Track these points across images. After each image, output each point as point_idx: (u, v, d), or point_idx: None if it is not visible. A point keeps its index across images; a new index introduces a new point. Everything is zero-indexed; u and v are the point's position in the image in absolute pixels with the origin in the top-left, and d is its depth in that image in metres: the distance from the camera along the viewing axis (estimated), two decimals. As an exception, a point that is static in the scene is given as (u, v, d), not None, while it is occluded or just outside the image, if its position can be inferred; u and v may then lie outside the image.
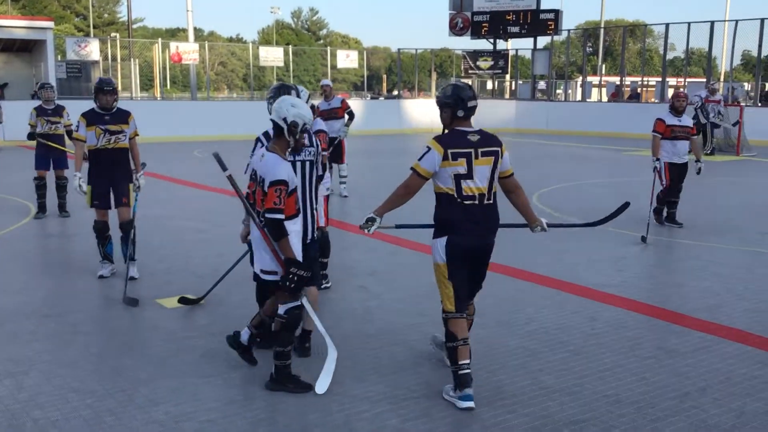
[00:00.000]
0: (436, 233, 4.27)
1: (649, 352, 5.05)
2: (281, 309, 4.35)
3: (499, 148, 4.27)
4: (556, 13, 28.67)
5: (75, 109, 6.68)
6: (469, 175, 4.14)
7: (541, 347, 5.11)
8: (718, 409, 4.14)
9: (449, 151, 4.12)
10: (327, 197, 6.41)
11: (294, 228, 4.37)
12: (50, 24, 24.38)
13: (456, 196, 4.15)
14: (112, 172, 6.76)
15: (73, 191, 7.35)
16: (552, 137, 25.72)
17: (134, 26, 54.39)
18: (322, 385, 4.33)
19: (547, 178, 14.30)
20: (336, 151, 11.68)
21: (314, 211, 4.92)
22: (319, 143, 5.03)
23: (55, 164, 10.03)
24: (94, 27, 61.12)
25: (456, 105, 4.20)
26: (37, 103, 10.43)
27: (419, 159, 4.19)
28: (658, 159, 9.11)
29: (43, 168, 10.03)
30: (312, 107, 6.68)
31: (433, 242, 4.28)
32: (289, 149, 4.36)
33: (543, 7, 28.93)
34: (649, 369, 4.73)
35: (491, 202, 4.25)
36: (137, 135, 7.00)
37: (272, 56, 28.97)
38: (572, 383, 4.48)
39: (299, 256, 4.31)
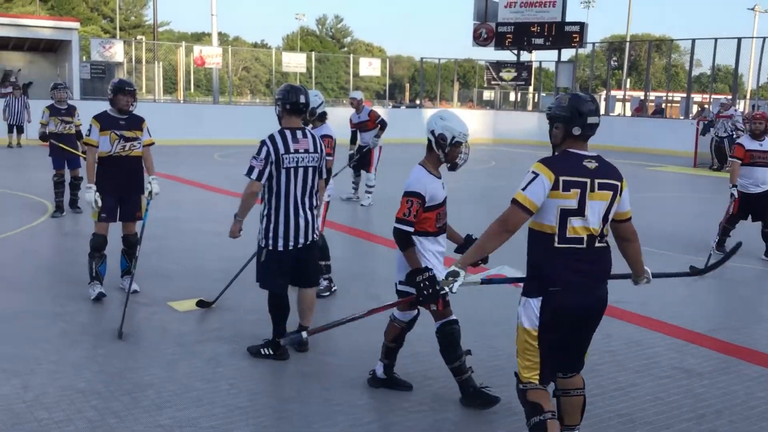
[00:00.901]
0: (527, 288, 3.39)
1: (665, 371, 4.93)
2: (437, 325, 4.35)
3: (619, 183, 3.38)
4: (581, 25, 28.52)
5: (97, 109, 6.31)
6: (579, 212, 3.27)
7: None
8: (735, 434, 4.02)
9: (561, 178, 3.26)
10: (327, 203, 6.40)
11: (434, 248, 4.26)
12: (76, 25, 24.65)
13: (556, 237, 3.28)
14: (125, 183, 6.14)
15: (86, 203, 6.36)
16: (573, 150, 25.52)
17: (160, 29, 54.88)
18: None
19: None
20: (364, 159, 11.68)
21: (313, 215, 4.92)
22: (323, 148, 5.00)
23: (69, 164, 10.17)
24: (121, 29, 61.73)
25: (572, 120, 3.34)
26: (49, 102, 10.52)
27: (523, 188, 3.29)
28: (735, 186, 8.36)
29: (60, 167, 10.17)
30: (324, 114, 6.63)
31: (521, 300, 3.40)
32: (442, 163, 4.24)
33: (568, 19, 28.79)
34: (664, 389, 4.62)
35: (603, 245, 3.38)
36: (153, 143, 6.42)
37: (295, 62, 29.06)
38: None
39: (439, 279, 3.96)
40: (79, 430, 3.81)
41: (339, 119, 24.43)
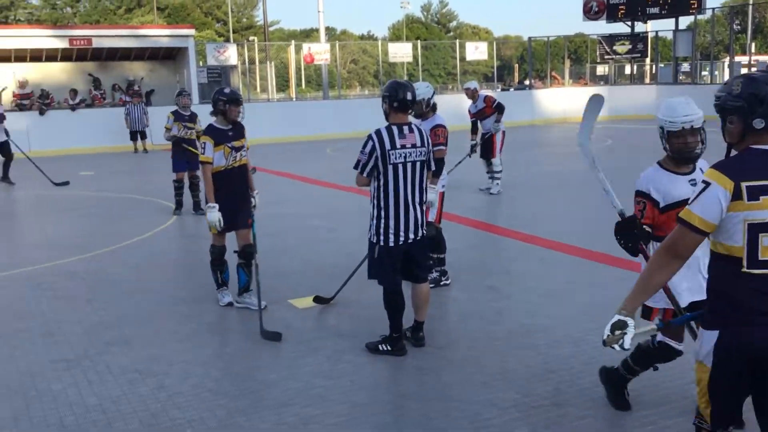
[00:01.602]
0: (706, 319, 2.79)
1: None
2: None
3: None
4: (699, -10, 27.05)
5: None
6: None
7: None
8: None
9: (743, 184, 2.59)
10: (442, 194, 6.36)
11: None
12: (191, 31, 25.69)
13: (744, 260, 2.61)
14: (238, 192, 6.05)
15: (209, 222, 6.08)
16: (696, 123, 24.29)
17: (270, 29, 56.38)
18: None
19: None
20: (486, 146, 11.60)
21: (422, 210, 4.93)
22: (430, 142, 4.98)
23: (189, 166, 10.67)
24: (234, 31, 63.82)
25: (751, 111, 2.64)
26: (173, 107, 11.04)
27: (691, 202, 2.67)
28: None
29: (180, 170, 10.72)
30: (429, 101, 6.50)
31: (700, 331, 2.87)
32: (673, 158, 3.75)
33: (684, -15, 27.38)
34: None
35: None
36: (248, 147, 6.26)
37: (402, 52, 29.13)
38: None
39: (681, 296, 3.67)
40: (209, 429, 3.99)
41: (448, 106, 24.31)
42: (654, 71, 32.18)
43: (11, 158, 14.76)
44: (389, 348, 4.97)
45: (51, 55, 24.25)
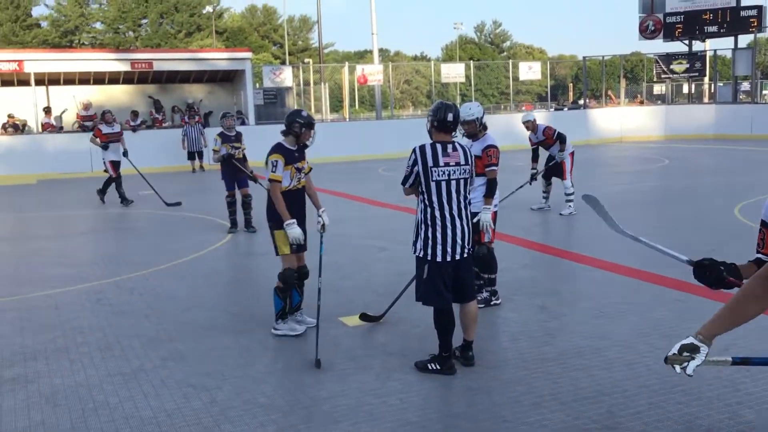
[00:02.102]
0: None
1: None
2: None
3: None
4: (760, 9, 26.54)
5: (272, 134, 6.49)
6: None
7: (741, 377, 4.67)
8: None
9: None
10: (495, 213, 6.36)
11: None
12: (248, 55, 26.23)
13: None
14: (300, 214, 5.94)
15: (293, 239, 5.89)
16: (758, 143, 23.69)
17: (325, 51, 57.20)
18: None
19: (751, 187, 13.17)
20: (555, 169, 11.55)
21: (467, 228, 4.94)
22: (473, 160, 5.01)
23: (239, 184, 10.97)
24: (289, 54, 64.94)
25: None
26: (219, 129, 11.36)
27: None
28: None
29: (232, 189, 11.01)
30: (480, 121, 6.50)
31: None
32: None
33: (743, 3, 26.85)
34: None
35: None
36: (311, 169, 6.17)
37: (454, 72, 29.20)
38: (777, 420, 4.04)
39: None
40: (261, 443, 4.04)
41: (501, 126, 24.29)
42: (713, 90, 31.53)
43: (118, 178, 14.56)
44: (438, 367, 4.96)
45: (113, 78, 25.05)
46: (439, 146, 4.87)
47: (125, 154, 14.44)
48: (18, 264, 9.33)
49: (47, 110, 23.05)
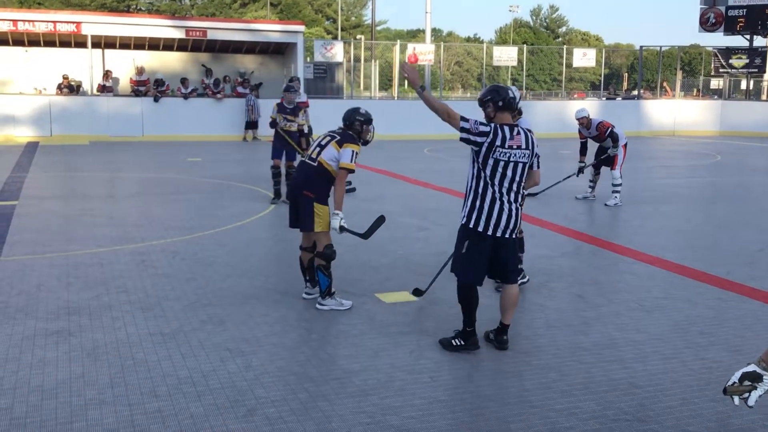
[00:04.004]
0: None
1: None
2: None
3: None
4: (828, 4, 25.59)
5: (322, 107, 6.52)
6: None
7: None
8: None
9: None
10: (524, 196, 6.32)
11: None
12: (301, 28, 26.29)
13: None
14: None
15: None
16: (815, 143, 23.01)
17: (378, 28, 56.98)
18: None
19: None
20: (608, 158, 11.42)
21: (516, 211, 4.95)
22: (535, 145, 4.99)
23: (288, 156, 11.12)
24: (342, 29, 64.90)
25: None
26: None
27: None
28: None
29: (277, 157, 11.14)
30: (512, 100, 6.33)
31: None
32: None
33: (811, -2, 25.98)
34: None
35: None
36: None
37: (506, 56, 28.87)
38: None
39: None
40: (292, 410, 4.11)
41: (551, 113, 23.97)
42: (772, 87, 30.65)
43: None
44: (462, 342, 5.03)
45: (168, 45, 25.38)
46: (507, 128, 4.87)
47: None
48: (68, 222, 9.59)
49: (107, 74, 23.45)
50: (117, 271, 7.05)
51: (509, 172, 4.87)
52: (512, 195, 4.93)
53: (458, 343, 5.03)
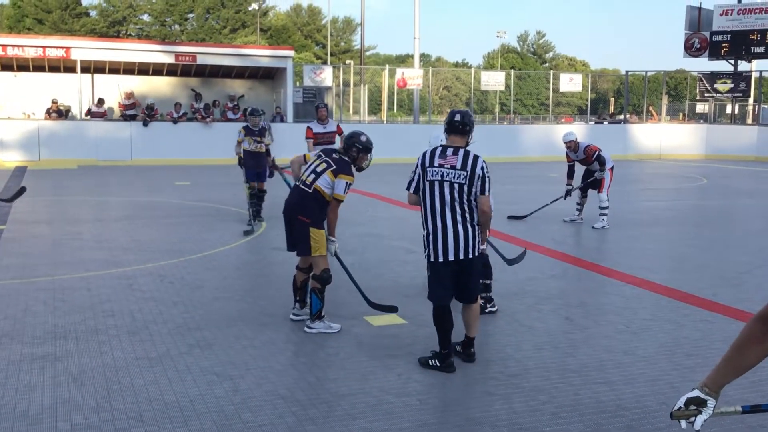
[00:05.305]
0: None
1: None
2: None
3: None
4: (810, 30, 26.00)
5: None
6: None
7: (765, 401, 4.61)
8: None
9: None
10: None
11: None
12: (290, 53, 26.42)
13: None
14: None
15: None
16: (800, 167, 23.24)
17: (367, 53, 57.42)
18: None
19: (790, 212, 12.92)
20: (595, 181, 11.51)
21: (464, 231, 4.98)
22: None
23: (258, 177, 11.40)
24: (332, 54, 65.31)
25: None
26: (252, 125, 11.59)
27: None
28: None
29: (252, 179, 11.38)
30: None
31: None
32: None
33: (794, 24, 26.38)
34: None
35: None
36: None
37: (494, 80, 29.10)
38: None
39: None
40: (279, 434, 4.09)
41: (539, 136, 24.14)
42: (756, 112, 31.00)
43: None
44: (438, 364, 5.10)
45: (157, 69, 25.43)
46: (439, 149, 5.05)
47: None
48: (56, 246, 9.54)
49: (101, 101, 23.48)
50: (104, 295, 7.01)
51: (446, 193, 4.96)
52: (457, 215, 4.98)
53: (434, 364, 5.11)
